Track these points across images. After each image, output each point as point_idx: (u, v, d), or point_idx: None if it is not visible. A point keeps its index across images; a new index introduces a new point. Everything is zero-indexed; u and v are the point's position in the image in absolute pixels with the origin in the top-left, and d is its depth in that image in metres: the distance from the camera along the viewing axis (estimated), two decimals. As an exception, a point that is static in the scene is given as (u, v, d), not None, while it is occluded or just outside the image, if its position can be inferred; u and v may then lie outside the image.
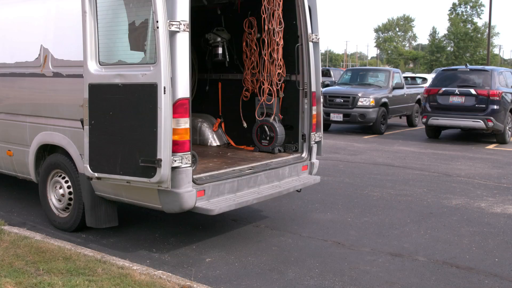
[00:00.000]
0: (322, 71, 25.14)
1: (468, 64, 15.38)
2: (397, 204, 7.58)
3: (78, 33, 5.20)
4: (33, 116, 6.23)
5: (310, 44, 6.39)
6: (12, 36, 6.55)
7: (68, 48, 5.75)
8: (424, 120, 14.70)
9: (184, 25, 4.76)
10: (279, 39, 6.63)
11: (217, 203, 5.24)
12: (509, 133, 14.52)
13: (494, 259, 5.42)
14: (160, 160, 4.66)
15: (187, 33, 4.81)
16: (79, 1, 5.10)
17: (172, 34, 4.70)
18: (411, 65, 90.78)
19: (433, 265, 5.22)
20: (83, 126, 5.18)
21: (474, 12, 77.64)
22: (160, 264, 5.12)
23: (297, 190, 6.29)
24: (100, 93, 5.01)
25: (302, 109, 6.54)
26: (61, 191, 6.05)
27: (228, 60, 7.36)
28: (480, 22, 79.38)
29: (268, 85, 6.82)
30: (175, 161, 4.79)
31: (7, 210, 6.93)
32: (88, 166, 5.13)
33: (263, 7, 6.60)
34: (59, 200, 6.11)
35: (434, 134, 15.31)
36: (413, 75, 26.87)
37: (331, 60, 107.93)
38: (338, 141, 14.22)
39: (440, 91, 14.36)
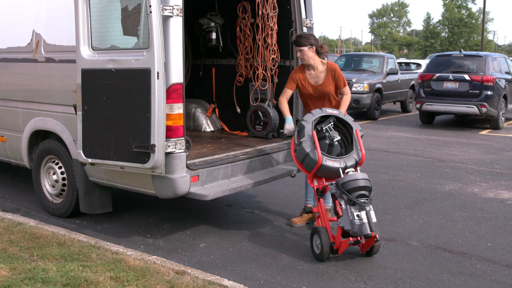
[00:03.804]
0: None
1: (462, 50, 15.38)
2: (390, 189, 7.61)
3: (70, 18, 5.15)
4: (25, 102, 6.19)
5: (304, 29, 6.36)
6: (4, 21, 6.48)
7: (60, 33, 5.71)
8: (418, 105, 14.72)
9: (177, 9, 4.72)
10: (273, 24, 6.60)
11: (211, 188, 5.24)
12: (503, 118, 14.57)
13: (487, 244, 5.46)
14: (154, 145, 4.64)
15: (181, 17, 4.77)
16: (71, -15, 5.06)
17: (165, 19, 4.67)
18: (405, 51, 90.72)
19: (426, 250, 5.26)
20: (76, 112, 5.16)
21: (468, -2, 77.54)
22: (154, 250, 5.13)
23: (291, 175, 6.29)
24: (93, 79, 4.98)
25: (296, 94, 6.53)
26: (54, 177, 6.03)
27: (221, 45, 7.32)
28: (475, 8, 79.39)
29: (262, 70, 6.79)
30: (169, 146, 4.77)
31: (1, 196, 6.91)
32: (81, 152, 5.11)
33: (257, -9, 6.55)
34: (53, 186, 6.10)
35: (428, 119, 15.33)
36: (407, 60, 26.85)
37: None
38: (332, 127, 14.20)
39: (434, 77, 14.37)
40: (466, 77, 13.94)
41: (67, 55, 5.54)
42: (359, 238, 4.70)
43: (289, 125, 5.63)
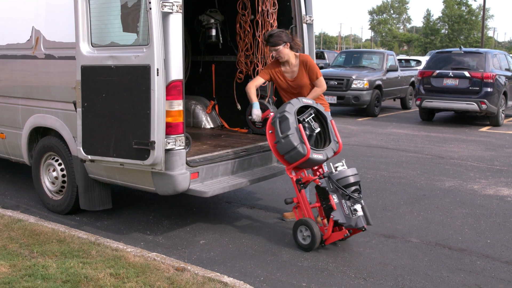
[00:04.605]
0: (316, 54, 25.05)
1: (462, 47, 15.37)
2: (390, 186, 7.61)
3: (70, 15, 5.14)
4: (25, 98, 6.19)
5: (304, 25, 6.35)
6: (3, 18, 6.47)
7: (60, 30, 5.70)
8: (418, 102, 14.71)
9: (177, 6, 4.71)
10: (273, 21, 6.59)
11: (210, 185, 5.24)
12: (502, 115, 14.56)
13: (486, 241, 5.47)
14: (154, 142, 4.64)
15: (180, 14, 4.76)
16: (70, -19, 5.05)
17: (165, 15, 4.66)
18: (405, 48, 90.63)
19: (426, 247, 5.26)
20: (76, 109, 5.16)
21: (468, -6, 77.42)
22: (154, 246, 5.14)
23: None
24: (92, 75, 4.97)
25: None
26: (54, 173, 6.03)
27: (221, 42, 7.31)
28: (475, 4, 79.35)
29: (262, 67, 6.78)
30: (169, 143, 4.77)
31: (0, 193, 6.91)
32: (81, 148, 5.11)
33: (256, -12, 6.54)
34: (53, 183, 6.09)
35: (428, 116, 15.33)
36: (407, 57, 26.84)
37: (325, 42, 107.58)
38: (332, 124, 14.20)
39: (434, 74, 14.36)
40: (466, 74, 13.93)
41: (66, 51, 5.54)
42: (352, 230, 4.95)
43: (257, 110, 5.59)
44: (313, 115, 5.23)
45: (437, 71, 14.34)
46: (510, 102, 15.00)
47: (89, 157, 5.09)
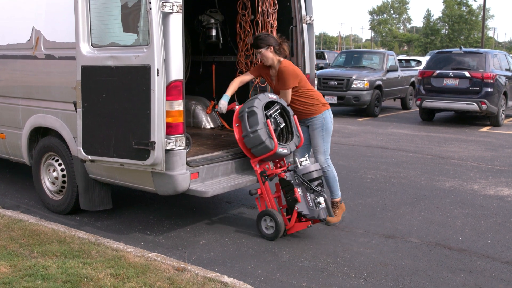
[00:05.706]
0: (317, 54, 25.06)
1: (462, 47, 15.37)
2: (390, 186, 7.61)
3: (70, 15, 5.14)
4: (25, 98, 6.19)
5: (304, 26, 6.35)
6: (4, 18, 6.48)
7: (60, 30, 5.70)
8: (418, 102, 14.70)
9: (177, 6, 4.72)
10: (273, 21, 6.58)
11: (211, 185, 5.24)
12: (503, 115, 14.55)
13: (487, 241, 5.47)
14: (154, 142, 4.64)
15: (181, 14, 4.77)
16: (70, -19, 5.04)
17: (165, 16, 4.66)
18: (405, 48, 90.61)
19: (426, 247, 5.26)
20: (76, 109, 5.16)
21: (468, -5, 77.41)
22: (154, 247, 5.14)
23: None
24: (93, 75, 4.97)
25: None
26: (54, 174, 6.03)
27: (221, 42, 7.31)
28: (475, 4, 79.29)
29: (262, 67, 6.77)
30: (169, 143, 4.77)
31: (1, 193, 6.91)
32: (81, 148, 5.11)
33: (257, -12, 6.54)
34: (53, 183, 6.09)
35: (428, 116, 15.32)
36: (408, 57, 26.84)
37: (325, 42, 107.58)
38: (332, 124, 14.19)
39: (434, 74, 14.35)
40: (466, 74, 13.93)
41: (67, 52, 5.54)
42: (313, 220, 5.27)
43: (224, 101, 5.66)
44: (279, 110, 5.46)
45: (437, 71, 14.34)
46: (511, 102, 15.00)
47: (89, 157, 5.09)
